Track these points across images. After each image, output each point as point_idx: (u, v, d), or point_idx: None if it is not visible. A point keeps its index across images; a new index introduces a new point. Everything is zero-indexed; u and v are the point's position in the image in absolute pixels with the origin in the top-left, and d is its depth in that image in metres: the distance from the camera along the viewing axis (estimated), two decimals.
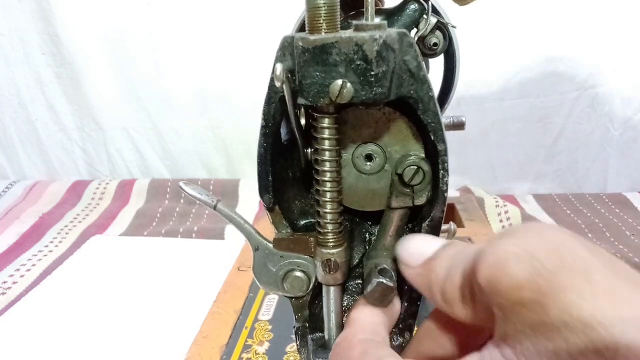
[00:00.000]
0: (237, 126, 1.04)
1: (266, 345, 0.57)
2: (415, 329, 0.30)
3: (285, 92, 0.24)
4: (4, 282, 0.73)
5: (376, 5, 0.40)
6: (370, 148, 0.29)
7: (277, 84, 0.23)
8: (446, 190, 0.27)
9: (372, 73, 0.23)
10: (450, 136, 0.28)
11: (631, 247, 0.77)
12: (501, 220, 0.83)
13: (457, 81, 0.47)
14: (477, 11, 0.88)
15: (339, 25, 0.23)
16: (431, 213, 0.28)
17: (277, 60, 0.24)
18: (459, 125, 0.47)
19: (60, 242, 0.86)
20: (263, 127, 0.27)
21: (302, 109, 0.29)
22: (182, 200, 0.99)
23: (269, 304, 0.64)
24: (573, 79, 0.93)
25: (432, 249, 0.24)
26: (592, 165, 1.00)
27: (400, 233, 0.29)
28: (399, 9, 0.39)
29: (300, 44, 0.23)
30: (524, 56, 0.93)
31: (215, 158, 1.09)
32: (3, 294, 0.71)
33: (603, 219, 0.87)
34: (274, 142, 0.28)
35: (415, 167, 0.27)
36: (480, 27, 0.88)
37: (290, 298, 0.31)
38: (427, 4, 0.38)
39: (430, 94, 0.25)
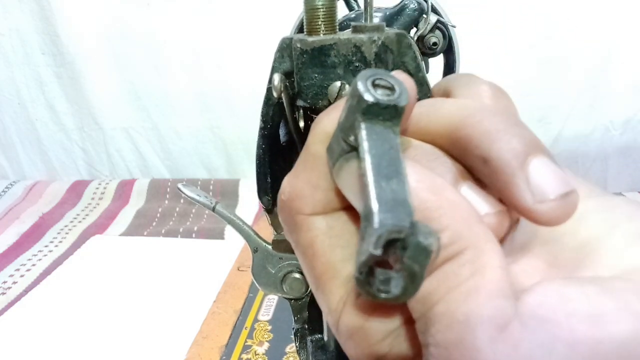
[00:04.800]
0: (237, 126, 1.04)
1: (266, 345, 0.57)
2: None
3: (284, 98, 0.24)
4: (4, 282, 0.73)
5: None
6: None
7: (275, 94, 0.23)
8: None
9: None
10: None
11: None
12: None
13: None
14: (477, 11, 0.88)
15: (337, 27, 0.23)
16: None
17: (275, 63, 0.24)
18: None
19: (60, 242, 0.86)
20: (262, 128, 0.27)
21: (301, 111, 0.29)
22: (182, 200, 0.99)
23: (269, 304, 0.64)
24: (573, 79, 0.93)
25: None
26: (592, 165, 1.00)
27: None
28: (399, 9, 0.39)
29: (299, 45, 0.23)
30: (524, 56, 0.93)
31: (215, 158, 1.09)
32: (3, 294, 0.71)
33: None
34: (272, 143, 0.28)
35: None
36: (480, 26, 0.88)
37: (290, 299, 0.31)
38: (427, 3, 0.38)
39: (429, 95, 0.25)
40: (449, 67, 0.47)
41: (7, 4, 0.99)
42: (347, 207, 0.17)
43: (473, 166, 0.17)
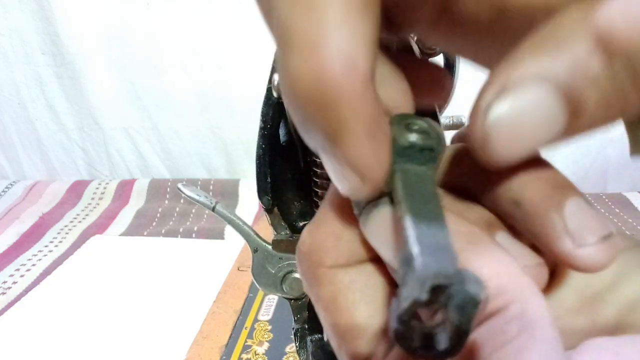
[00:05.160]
0: (237, 126, 1.04)
1: (266, 345, 0.57)
2: None
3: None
4: (4, 282, 0.73)
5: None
6: None
7: (275, 94, 0.23)
8: None
9: None
10: (450, 136, 0.27)
11: None
12: None
13: (456, 80, 0.47)
14: None
15: None
16: None
17: (275, 62, 0.24)
18: (458, 126, 0.47)
19: (60, 242, 0.86)
20: (261, 128, 0.27)
21: None
22: (182, 200, 0.99)
23: (269, 304, 0.64)
24: None
25: None
26: (592, 165, 1.00)
27: None
28: None
29: None
30: None
31: (215, 158, 1.09)
32: (3, 294, 0.71)
33: None
34: (272, 143, 0.28)
35: None
36: None
37: (290, 299, 0.31)
38: None
39: None
40: (449, 67, 0.47)
41: (7, 4, 0.99)
42: (372, 259, 0.16)
43: (504, 211, 0.16)
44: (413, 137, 0.14)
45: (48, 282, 0.73)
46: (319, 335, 0.32)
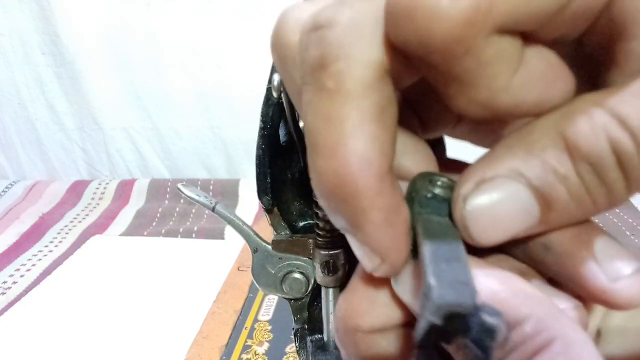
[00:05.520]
0: (237, 126, 1.04)
1: (266, 345, 0.57)
2: None
3: (284, 99, 0.24)
4: (4, 282, 0.73)
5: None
6: None
7: (275, 94, 0.23)
8: None
9: None
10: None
11: (631, 247, 0.77)
12: None
13: None
14: None
15: None
16: None
17: (274, 64, 0.24)
18: None
19: (60, 242, 0.86)
20: (261, 128, 0.27)
21: None
22: (182, 200, 0.99)
23: (269, 304, 0.64)
24: None
25: None
26: None
27: None
28: None
29: None
30: None
31: (215, 158, 1.09)
32: (3, 294, 0.71)
33: (603, 218, 0.87)
34: (272, 143, 0.28)
35: None
36: None
37: (290, 300, 0.31)
38: None
39: None
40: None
41: (7, 4, 0.99)
42: (409, 323, 0.16)
43: (535, 258, 0.16)
44: (437, 190, 0.15)
45: (48, 282, 0.73)
46: (319, 336, 0.32)
